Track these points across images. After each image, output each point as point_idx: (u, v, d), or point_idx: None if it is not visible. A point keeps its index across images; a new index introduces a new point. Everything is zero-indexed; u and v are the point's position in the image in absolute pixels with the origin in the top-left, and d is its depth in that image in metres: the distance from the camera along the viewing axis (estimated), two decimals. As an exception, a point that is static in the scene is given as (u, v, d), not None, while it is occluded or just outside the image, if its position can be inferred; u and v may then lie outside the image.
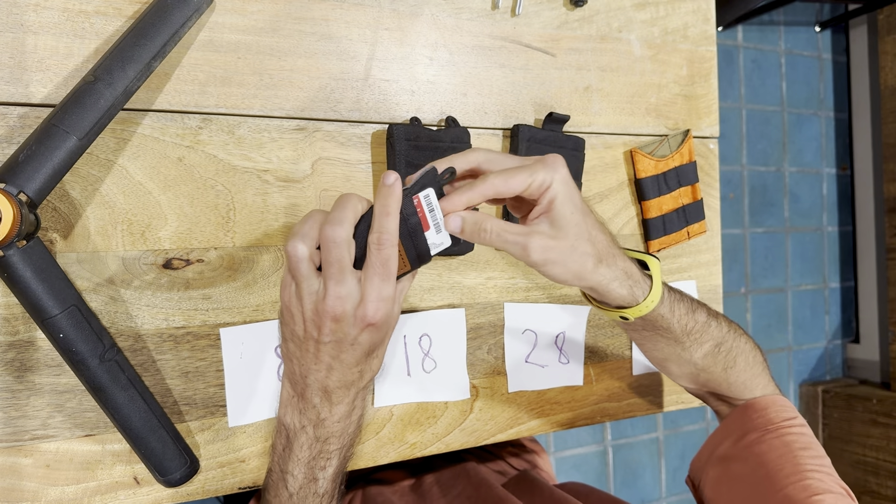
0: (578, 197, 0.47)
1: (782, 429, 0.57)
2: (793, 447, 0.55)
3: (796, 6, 2.20)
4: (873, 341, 2.24)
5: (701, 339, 0.58)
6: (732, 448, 0.59)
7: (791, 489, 0.51)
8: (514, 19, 0.71)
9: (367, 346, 0.46)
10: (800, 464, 0.53)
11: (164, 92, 0.56)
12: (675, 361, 0.60)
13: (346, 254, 0.44)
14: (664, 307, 0.54)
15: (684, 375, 0.62)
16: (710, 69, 0.84)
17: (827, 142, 2.27)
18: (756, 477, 0.54)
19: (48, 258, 0.49)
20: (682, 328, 0.56)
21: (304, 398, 0.49)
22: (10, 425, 0.52)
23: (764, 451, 0.55)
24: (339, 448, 0.50)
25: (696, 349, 0.58)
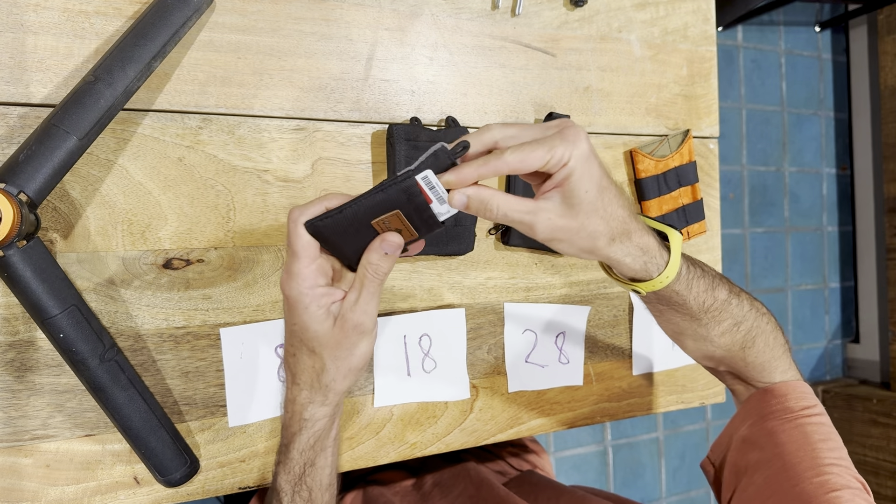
0: (598, 171, 0.45)
1: (801, 417, 0.56)
2: (811, 438, 0.54)
3: (796, 6, 2.19)
4: (873, 341, 2.24)
5: (719, 316, 0.56)
6: (751, 432, 0.57)
7: (808, 485, 0.50)
8: (514, 19, 0.71)
9: (289, 323, 0.47)
10: (818, 457, 0.52)
11: (164, 92, 0.56)
12: (691, 336, 0.59)
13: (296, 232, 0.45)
14: (680, 284, 0.53)
15: (700, 351, 0.60)
16: (710, 69, 0.84)
17: (827, 142, 2.27)
18: (773, 468, 0.54)
19: (48, 258, 0.49)
20: (700, 305, 0.55)
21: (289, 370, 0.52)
22: (10, 425, 0.52)
23: (783, 442, 0.54)
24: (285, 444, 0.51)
25: (713, 326, 0.57)
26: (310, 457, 0.51)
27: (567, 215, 0.45)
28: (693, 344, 0.60)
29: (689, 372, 0.84)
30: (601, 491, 0.74)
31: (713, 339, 0.58)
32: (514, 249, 0.72)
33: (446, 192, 0.44)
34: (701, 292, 0.54)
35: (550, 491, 0.70)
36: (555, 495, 0.69)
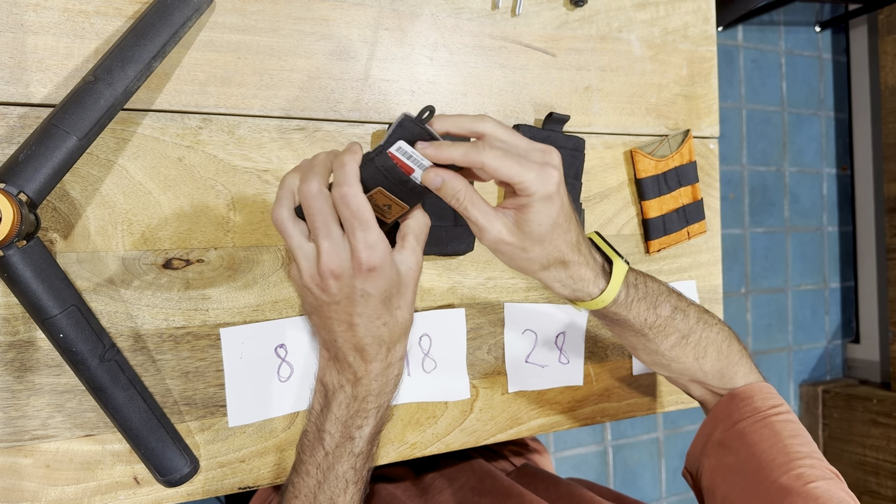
0: (556, 210, 0.47)
1: (770, 416, 0.57)
2: (782, 435, 0.55)
3: (796, 6, 2.19)
4: (873, 341, 2.24)
5: (664, 331, 0.58)
6: (723, 437, 0.59)
7: (785, 479, 0.51)
8: (514, 19, 0.71)
9: (378, 294, 0.46)
10: (790, 452, 0.53)
11: (164, 92, 0.56)
12: (643, 350, 0.61)
13: (325, 205, 0.44)
14: (618, 307, 0.55)
15: (656, 364, 0.62)
16: (710, 69, 0.84)
17: (827, 142, 2.27)
18: (749, 468, 0.55)
19: (48, 258, 0.49)
20: (642, 322, 0.57)
21: (339, 360, 0.49)
22: (10, 425, 0.52)
23: (755, 441, 0.56)
24: (377, 407, 0.50)
25: (661, 341, 0.58)
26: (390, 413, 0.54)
27: (515, 235, 0.48)
28: (648, 357, 0.62)
29: (689, 372, 0.84)
30: (597, 485, 0.74)
31: (664, 353, 0.60)
32: (514, 249, 0.72)
33: (423, 158, 0.45)
34: (642, 311, 0.56)
35: (549, 481, 0.70)
36: (553, 485, 0.69)
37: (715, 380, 0.61)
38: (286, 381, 0.61)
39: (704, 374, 0.61)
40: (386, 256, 0.45)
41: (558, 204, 0.47)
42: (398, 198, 0.46)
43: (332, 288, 0.45)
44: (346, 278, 0.45)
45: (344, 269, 0.44)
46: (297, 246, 0.46)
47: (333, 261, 0.44)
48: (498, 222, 0.47)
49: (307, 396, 0.62)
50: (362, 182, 0.44)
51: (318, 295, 0.46)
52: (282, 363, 0.61)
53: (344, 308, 0.46)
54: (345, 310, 0.46)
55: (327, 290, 0.45)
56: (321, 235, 0.44)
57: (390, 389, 0.51)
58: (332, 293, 0.46)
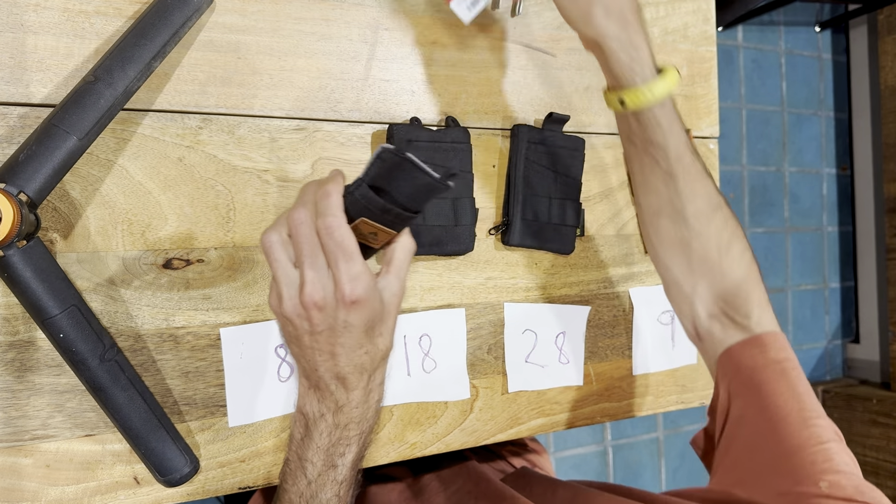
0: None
1: (787, 370, 0.55)
2: (797, 390, 0.54)
3: (796, 6, 2.19)
4: (873, 341, 2.24)
5: (694, 186, 0.56)
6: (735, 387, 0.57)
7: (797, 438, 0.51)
8: (515, 19, 0.71)
9: (361, 325, 0.45)
10: (804, 409, 0.52)
11: (164, 92, 0.56)
12: (667, 214, 0.58)
13: (313, 234, 0.43)
14: (663, 113, 0.54)
15: (678, 241, 0.58)
16: (710, 69, 0.84)
17: (827, 142, 2.27)
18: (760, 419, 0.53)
19: (48, 258, 0.49)
20: (677, 155, 0.55)
21: (320, 388, 0.49)
22: (10, 425, 0.52)
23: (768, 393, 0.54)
24: (359, 434, 0.50)
25: (688, 198, 0.56)
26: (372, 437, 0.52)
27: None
28: (670, 228, 0.59)
29: (689, 372, 0.84)
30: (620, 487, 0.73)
31: (689, 220, 0.57)
32: (514, 249, 0.72)
33: None
34: (681, 141, 0.56)
35: (546, 484, 0.70)
36: (551, 488, 0.69)
37: (733, 294, 0.57)
38: (286, 381, 0.61)
39: (724, 276, 0.57)
40: (369, 288, 0.44)
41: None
42: (383, 225, 0.45)
43: (315, 319, 0.44)
44: (329, 310, 0.44)
45: (327, 300, 0.44)
46: (281, 273, 0.45)
47: (317, 292, 0.43)
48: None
49: (307, 396, 0.62)
50: (346, 212, 0.44)
51: (298, 325, 0.45)
52: (282, 363, 0.61)
53: (326, 339, 0.45)
54: (327, 340, 0.45)
55: (310, 321, 0.45)
56: (306, 265, 0.44)
57: (372, 415, 0.50)
58: (314, 324, 0.45)
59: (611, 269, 0.78)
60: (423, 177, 0.44)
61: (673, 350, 0.82)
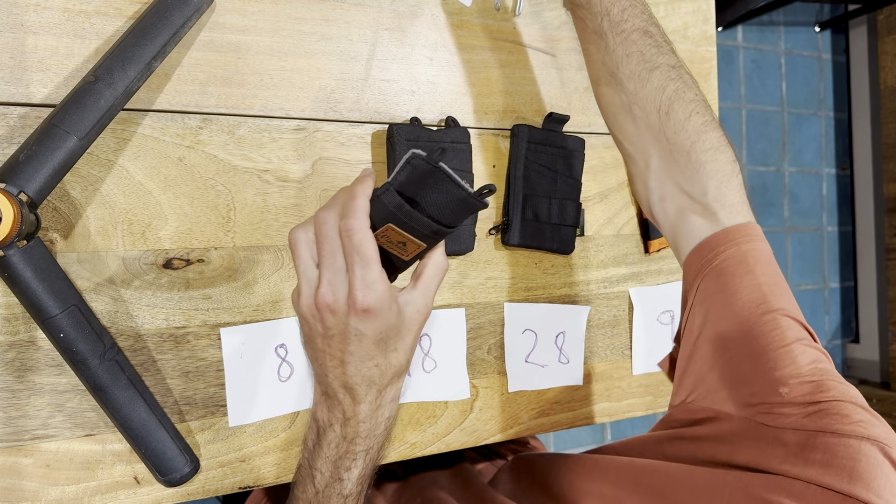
0: None
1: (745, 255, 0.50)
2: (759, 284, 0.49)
3: (796, 6, 2.20)
4: (873, 341, 2.24)
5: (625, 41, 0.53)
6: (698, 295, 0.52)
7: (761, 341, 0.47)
8: (515, 19, 0.71)
9: (372, 335, 0.44)
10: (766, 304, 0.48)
11: (164, 92, 0.56)
12: (605, 80, 0.55)
13: (336, 235, 0.43)
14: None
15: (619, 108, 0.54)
16: (709, 69, 0.84)
17: (827, 142, 2.27)
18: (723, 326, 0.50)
19: (48, 258, 0.49)
20: (602, 7, 0.53)
21: (329, 396, 0.48)
22: (10, 425, 0.52)
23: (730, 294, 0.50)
24: (365, 450, 0.49)
25: (620, 56, 0.53)
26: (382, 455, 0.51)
27: None
28: (610, 93, 0.55)
29: (689, 372, 0.84)
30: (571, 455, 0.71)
31: (624, 83, 0.53)
32: (514, 249, 0.72)
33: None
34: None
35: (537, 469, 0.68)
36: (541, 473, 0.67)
37: (680, 166, 0.52)
38: (286, 381, 0.61)
39: (670, 147, 0.52)
40: (383, 298, 0.43)
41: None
42: (412, 235, 0.44)
43: (328, 321, 0.44)
44: (340, 314, 0.44)
45: (339, 304, 0.43)
46: (303, 270, 0.45)
47: (330, 294, 0.43)
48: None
49: (307, 396, 0.62)
50: (372, 217, 0.43)
51: (312, 325, 0.45)
52: (282, 363, 0.61)
53: (337, 344, 0.45)
54: (337, 346, 0.45)
55: (323, 322, 0.44)
56: (325, 265, 0.43)
57: (381, 433, 0.49)
58: (327, 326, 0.44)
59: (611, 269, 0.78)
60: (456, 189, 0.43)
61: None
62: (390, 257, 0.46)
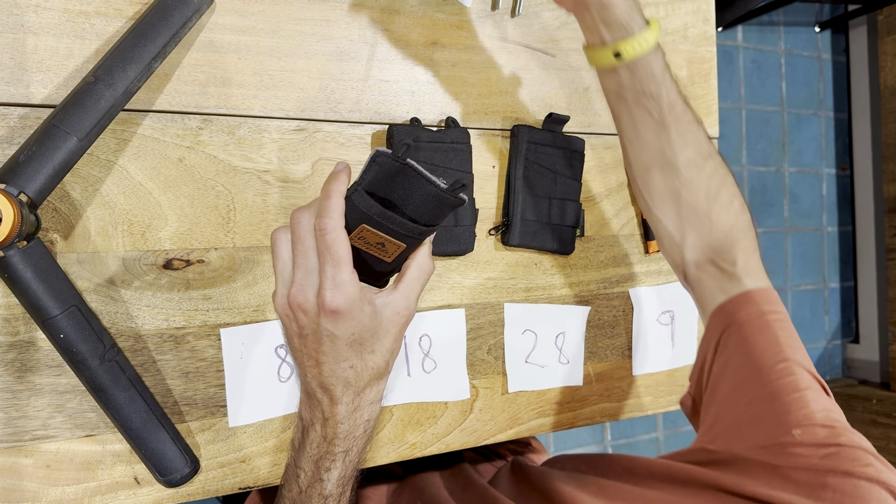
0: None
1: (766, 315, 0.55)
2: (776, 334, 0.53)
3: (796, 6, 2.20)
4: (873, 341, 2.24)
5: (685, 134, 0.56)
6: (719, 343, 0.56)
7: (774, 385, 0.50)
8: (514, 20, 0.71)
9: (344, 337, 0.44)
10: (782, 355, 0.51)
11: (164, 92, 0.56)
12: (659, 166, 0.57)
13: (309, 235, 0.43)
14: (656, 58, 0.53)
15: (668, 192, 0.58)
16: (709, 69, 0.84)
17: (827, 142, 2.27)
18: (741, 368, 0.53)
19: (48, 259, 0.49)
20: (670, 103, 0.55)
21: (310, 395, 0.49)
22: (10, 425, 0.52)
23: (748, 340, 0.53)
24: (344, 451, 0.49)
25: (680, 147, 0.56)
26: (363, 458, 0.51)
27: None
28: (661, 180, 0.58)
29: (689, 372, 0.84)
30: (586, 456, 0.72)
31: (680, 170, 0.56)
32: (514, 249, 0.72)
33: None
34: (672, 87, 0.55)
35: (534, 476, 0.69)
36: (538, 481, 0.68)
37: (719, 241, 0.57)
38: (286, 381, 0.61)
39: (712, 225, 0.57)
40: (352, 299, 0.43)
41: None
42: (389, 235, 0.44)
43: (301, 321, 0.44)
44: (311, 314, 0.44)
45: (310, 304, 0.43)
46: (279, 270, 0.45)
47: (301, 294, 0.43)
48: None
49: (307, 397, 0.62)
50: (347, 218, 0.43)
51: (288, 325, 0.46)
52: (282, 363, 0.61)
53: (311, 344, 0.45)
54: (312, 346, 0.45)
55: (297, 322, 0.45)
56: (297, 265, 0.44)
57: (360, 435, 0.49)
58: (300, 325, 0.45)
59: (611, 269, 0.78)
60: (427, 186, 0.42)
61: (673, 350, 0.82)
62: (371, 259, 0.45)
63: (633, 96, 0.56)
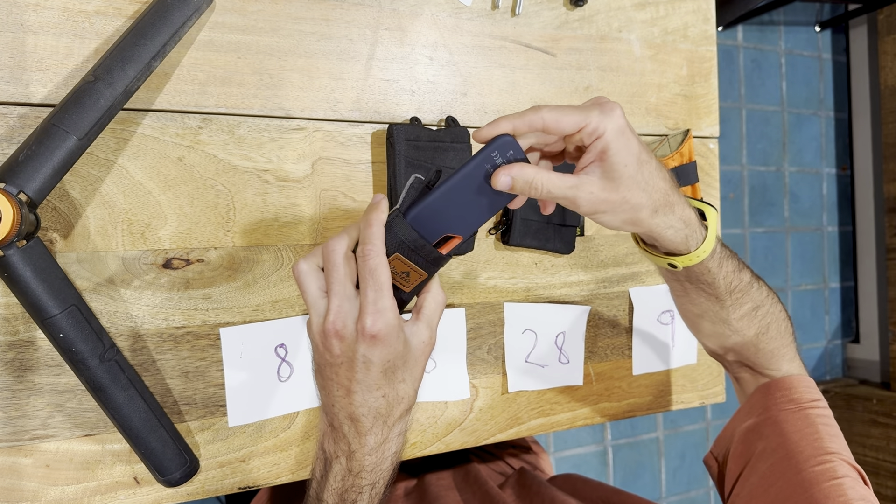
0: (635, 144, 0.45)
1: (807, 408, 0.56)
2: (816, 427, 0.55)
3: (796, 6, 2.19)
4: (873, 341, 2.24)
5: (742, 299, 0.56)
6: (756, 424, 0.58)
7: (809, 472, 0.51)
8: (514, 19, 0.71)
9: (379, 364, 0.44)
10: (821, 446, 0.53)
11: (164, 92, 0.56)
12: (710, 319, 0.59)
13: (343, 263, 0.44)
14: (713, 261, 0.53)
15: (715, 335, 0.60)
16: (710, 69, 0.84)
17: (827, 142, 2.27)
18: (777, 456, 0.54)
19: (48, 258, 0.49)
20: (727, 286, 0.55)
21: (335, 428, 0.48)
22: (10, 425, 0.52)
23: (787, 431, 0.55)
24: (371, 484, 0.48)
25: (734, 309, 0.57)
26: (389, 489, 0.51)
27: (608, 189, 0.45)
28: (711, 327, 0.60)
29: (689, 372, 0.84)
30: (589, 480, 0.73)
31: (732, 323, 0.58)
32: (514, 249, 0.72)
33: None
34: (730, 272, 0.55)
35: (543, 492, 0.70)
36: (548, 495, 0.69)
37: (765, 359, 0.60)
38: (286, 381, 0.61)
39: (758, 351, 0.60)
40: (392, 325, 0.43)
41: (634, 138, 0.45)
42: (416, 264, 0.45)
43: (335, 349, 0.44)
44: (348, 341, 0.44)
45: (348, 330, 0.43)
46: (311, 301, 0.45)
47: (339, 320, 0.43)
48: (585, 185, 0.44)
49: (307, 396, 0.62)
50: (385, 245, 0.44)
51: (321, 353, 0.46)
52: (282, 363, 0.61)
53: (344, 372, 0.45)
54: (345, 374, 0.45)
55: (330, 350, 0.44)
56: (334, 292, 0.44)
57: (387, 468, 0.49)
58: (334, 354, 0.44)
59: (611, 269, 0.78)
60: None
61: (673, 350, 0.82)
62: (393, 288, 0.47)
63: (687, 280, 0.56)
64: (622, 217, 0.47)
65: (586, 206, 0.45)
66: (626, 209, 0.46)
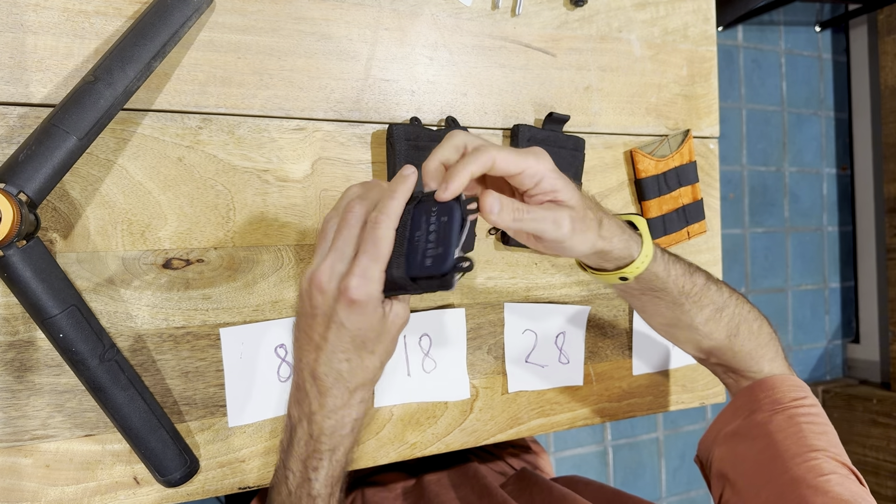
0: (566, 177, 0.50)
1: (790, 408, 0.57)
2: (800, 426, 0.55)
3: (796, 6, 2.19)
4: (873, 341, 2.24)
5: (700, 301, 0.59)
6: (740, 427, 0.59)
7: (797, 470, 0.51)
8: (514, 19, 0.71)
9: (352, 329, 0.45)
10: (806, 443, 0.53)
11: (164, 92, 0.56)
12: (678, 326, 0.61)
13: (356, 224, 0.44)
14: (659, 265, 0.56)
15: (690, 342, 0.63)
16: (710, 69, 0.84)
17: (827, 142, 2.27)
18: (763, 457, 0.55)
19: (48, 258, 0.49)
20: (679, 289, 0.58)
21: (299, 387, 0.49)
22: (10, 425, 0.52)
23: (771, 431, 0.56)
24: (331, 449, 0.49)
25: (696, 312, 0.59)
26: (350, 457, 0.51)
27: (575, 208, 0.49)
28: (683, 334, 0.62)
29: (689, 372, 0.84)
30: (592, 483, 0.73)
31: (699, 328, 0.60)
32: (514, 249, 0.72)
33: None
34: (679, 276, 0.58)
35: (544, 489, 0.70)
36: (547, 491, 0.69)
37: (743, 362, 0.62)
38: (286, 381, 0.61)
39: (734, 354, 0.62)
40: (373, 296, 0.44)
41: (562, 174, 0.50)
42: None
43: (316, 300, 0.44)
44: (327, 297, 0.44)
45: (330, 286, 0.44)
46: (320, 248, 0.46)
47: (326, 274, 0.44)
48: (562, 209, 0.48)
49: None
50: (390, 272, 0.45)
51: (303, 301, 0.46)
52: (282, 363, 0.61)
53: (318, 326, 0.45)
54: (319, 328, 0.45)
55: (311, 300, 0.45)
56: (334, 247, 0.44)
57: (346, 433, 0.49)
58: (313, 304, 0.45)
59: (611, 269, 0.78)
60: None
61: (673, 350, 0.82)
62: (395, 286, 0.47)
63: (641, 292, 0.59)
64: (588, 236, 0.50)
65: (566, 225, 0.48)
66: (591, 225, 0.50)
